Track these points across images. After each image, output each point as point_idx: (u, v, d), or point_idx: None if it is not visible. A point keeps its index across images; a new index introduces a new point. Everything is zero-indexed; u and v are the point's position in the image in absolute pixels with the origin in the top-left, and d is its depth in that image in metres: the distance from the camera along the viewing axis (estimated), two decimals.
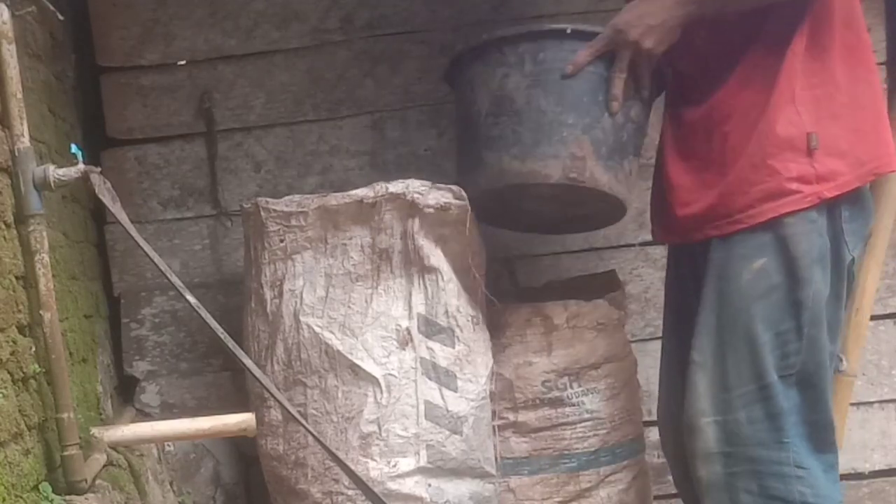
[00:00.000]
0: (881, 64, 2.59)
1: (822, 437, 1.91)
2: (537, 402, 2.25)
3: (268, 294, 2.17)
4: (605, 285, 2.40)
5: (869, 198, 1.95)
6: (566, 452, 2.26)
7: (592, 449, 2.26)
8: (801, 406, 1.89)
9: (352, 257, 2.10)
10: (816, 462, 1.90)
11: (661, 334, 2.24)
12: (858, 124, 1.88)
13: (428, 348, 2.11)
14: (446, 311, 2.13)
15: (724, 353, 1.90)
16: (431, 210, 2.08)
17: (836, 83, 1.86)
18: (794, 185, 1.84)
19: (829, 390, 1.92)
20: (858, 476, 2.69)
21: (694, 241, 1.98)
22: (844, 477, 2.63)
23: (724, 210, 1.91)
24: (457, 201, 2.10)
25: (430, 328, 2.12)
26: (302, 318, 2.11)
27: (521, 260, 2.62)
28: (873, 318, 2.39)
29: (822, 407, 1.91)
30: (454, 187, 2.10)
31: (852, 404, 2.34)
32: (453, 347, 2.13)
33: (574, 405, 2.25)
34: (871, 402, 2.67)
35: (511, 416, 2.26)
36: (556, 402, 2.25)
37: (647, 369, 2.47)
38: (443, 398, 2.12)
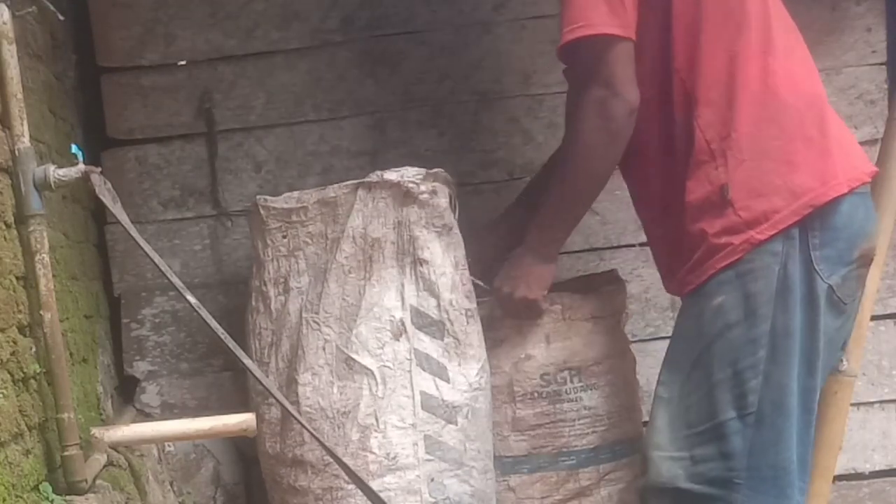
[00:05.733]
0: (881, 64, 2.59)
1: (778, 482, 1.84)
2: (535, 395, 2.25)
3: (272, 291, 2.17)
4: (605, 285, 2.40)
5: (850, 218, 1.85)
6: (565, 450, 2.26)
7: (592, 446, 2.26)
8: (758, 447, 1.83)
9: (343, 249, 2.10)
10: None
11: (661, 334, 2.23)
12: (791, 156, 1.84)
13: (420, 339, 2.12)
14: (438, 304, 2.13)
15: (688, 390, 1.89)
16: (426, 196, 2.10)
17: (744, 122, 1.85)
18: (723, 239, 1.84)
19: (790, 431, 1.84)
20: (859, 476, 2.68)
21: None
22: (844, 477, 2.65)
23: (680, 279, 1.98)
24: (444, 186, 2.13)
25: (422, 320, 2.12)
26: (304, 315, 2.12)
27: None
28: (873, 318, 2.38)
29: (781, 449, 1.84)
30: (441, 171, 2.15)
31: (852, 404, 2.33)
32: (442, 340, 2.13)
33: (572, 401, 2.25)
34: (872, 403, 2.66)
35: (509, 412, 2.26)
36: (555, 397, 2.25)
37: (647, 369, 2.46)
38: (437, 388, 2.12)
